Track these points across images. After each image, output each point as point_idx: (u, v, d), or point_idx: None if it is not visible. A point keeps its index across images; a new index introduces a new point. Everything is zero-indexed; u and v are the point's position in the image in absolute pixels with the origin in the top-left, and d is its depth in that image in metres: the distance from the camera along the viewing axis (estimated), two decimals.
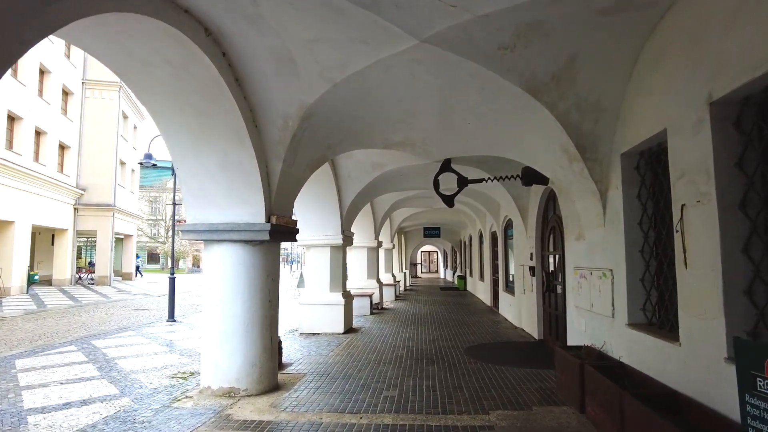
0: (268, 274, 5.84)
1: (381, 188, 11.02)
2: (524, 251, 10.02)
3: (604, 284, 5.39)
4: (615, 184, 5.12)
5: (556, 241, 8.29)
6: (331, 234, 10.08)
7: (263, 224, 5.57)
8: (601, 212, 5.44)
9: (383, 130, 6.62)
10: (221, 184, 5.57)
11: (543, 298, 9.05)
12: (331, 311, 10.07)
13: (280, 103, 5.21)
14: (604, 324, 5.44)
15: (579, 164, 5.35)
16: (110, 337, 10.46)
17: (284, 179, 5.84)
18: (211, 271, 5.77)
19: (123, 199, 30.08)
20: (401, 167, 9.05)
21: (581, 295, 6.23)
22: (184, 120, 5.11)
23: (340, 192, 9.77)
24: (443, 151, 7.67)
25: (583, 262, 6.25)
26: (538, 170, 6.77)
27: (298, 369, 7.05)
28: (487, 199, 12.56)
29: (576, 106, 4.89)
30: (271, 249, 5.89)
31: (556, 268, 8.30)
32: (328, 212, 9.89)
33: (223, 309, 5.64)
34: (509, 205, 10.46)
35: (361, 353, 8.13)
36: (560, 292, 7.89)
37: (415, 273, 39.97)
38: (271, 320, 5.91)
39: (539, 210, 8.98)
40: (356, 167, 9.32)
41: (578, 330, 6.49)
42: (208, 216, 5.75)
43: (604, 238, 5.48)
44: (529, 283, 9.54)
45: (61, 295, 20.91)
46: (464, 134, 6.66)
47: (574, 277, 6.57)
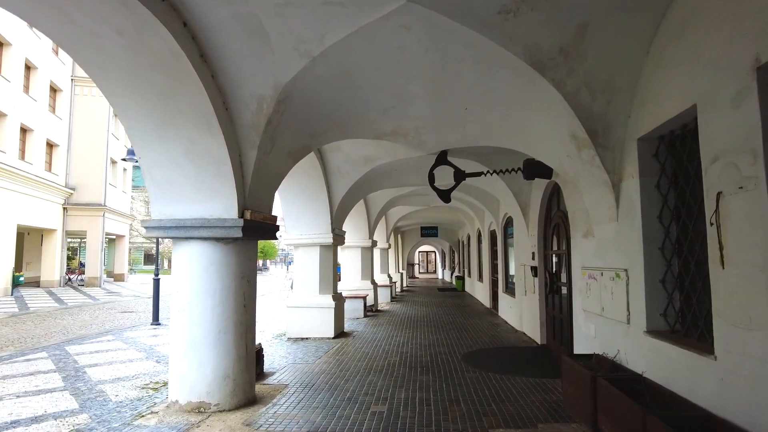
0: (242, 276, 5.25)
1: (374, 184, 10.43)
2: (525, 250, 9.44)
3: (618, 286, 4.81)
4: (630, 173, 4.54)
5: (560, 239, 7.71)
6: (321, 232, 9.49)
7: (235, 220, 4.98)
8: (614, 205, 4.86)
9: (372, 118, 6.03)
10: (189, 175, 4.98)
11: (546, 300, 8.47)
12: (321, 315, 9.47)
13: (253, 82, 4.62)
14: (618, 330, 4.86)
15: (589, 152, 4.77)
16: (87, 342, 9.85)
17: (260, 170, 5.25)
18: (178, 271, 5.18)
19: (114, 198, 29.44)
20: (394, 161, 8.46)
21: (590, 298, 5.65)
22: (144, 101, 4.52)
23: (329, 187, 9.18)
24: (438, 141, 7.09)
25: (592, 261, 5.67)
26: (542, 161, 6.19)
27: (281, 379, 6.45)
28: (486, 196, 11.98)
29: (586, 85, 4.31)
30: (245, 248, 5.30)
31: (560, 268, 7.72)
32: (316, 209, 9.30)
33: (191, 314, 5.05)
34: (509, 202, 9.88)
35: (351, 360, 7.54)
36: (565, 294, 7.31)
37: (413, 273, 39.39)
38: (246, 327, 5.32)
39: (542, 206, 8.40)
40: (346, 161, 8.73)
41: (586, 336, 5.91)
42: (175, 211, 5.16)
43: (617, 235, 4.90)
44: (531, 284, 8.96)
45: (47, 297, 20.28)
46: (461, 121, 6.08)
47: (581, 278, 6.00)
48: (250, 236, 5.21)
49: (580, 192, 5.63)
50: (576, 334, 6.41)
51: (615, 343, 4.93)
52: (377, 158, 8.51)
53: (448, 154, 7.67)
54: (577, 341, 6.38)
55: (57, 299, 19.39)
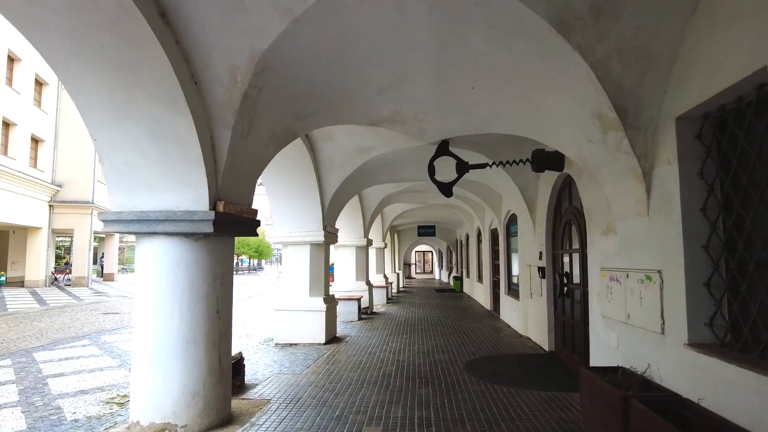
0: (215, 277, 4.56)
1: (369, 178, 9.75)
2: (531, 250, 8.78)
3: (649, 290, 4.16)
4: (666, 159, 3.88)
5: (572, 237, 7.06)
6: (312, 230, 8.80)
7: (206, 212, 4.29)
8: (644, 197, 4.21)
9: (367, 99, 5.36)
10: (153, 160, 4.28)
11: (554, 303, 7.81)
12: (311, 318, 8.79)
13: (225, 50, 3.93)
14: (648, 341, 4.20)
15: (617, 134, 4.11)
16: (59, 347, 9.14)
17: (236, 155, 4.57)
18: (141, 272, 4.49)
19: (103, 196, 28.60)
20: (391, 152, 7.78)
21: (612, 303, 4.99)
22: (97, 72, 3.83)
23: (320, 181, 8.50)
24: (440, 129, 6.42)
25: (614, 261, 5.01)
26: (555, 150, 5.54)
27: (263, 392, 5.77)
28: (488, 192, 11.32)
29: (618, 53, 3.64)
30: (219, 245, 4.62)
31: (572, 268, 7.06)
32: (307, 205, 8.62)
33: (156, 321, 4.36)
34: (513, 198, 9.22)
35: (342, 370, 6.86)
36: (578, 298, 6.66)
37: (409, 274, 38.73)
38: (220, 335, 4.63)
39: (551, 201, 7.75)
40: (339, 152, 8.05)
41: (606, 345, 5.26)
42: (138, 202, 4.46)
43: (647, 231, 4.24)
44: (538, 285, 8.31)
45: (29, 297, 19.48)
46: (465, 105, 5.42)
47: (600, 280, 5.34)
48: (223, 231, 4.52)
49: (601, 183, 4.97)
50: (593, 342, 5.75)
51: (644, 356, 4.27)
52: (372, 149, 7.83)
53: (449, 143, 7.01)
54: (594, 351, 5.72)
55: (39, 300, 18.61)
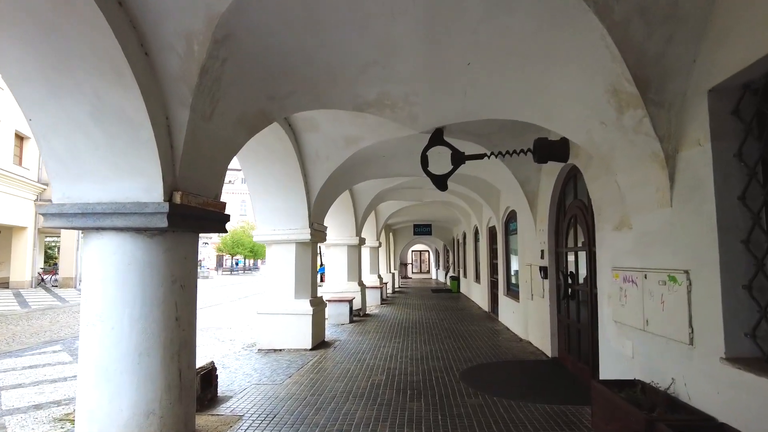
0: (174, 279, 3.97)
1: (360, 172, 9.16)
2: (532, 248, 8.21)
3: (674, 293, 3.58)
4: (695, 140, 3.31)
5: (578, 234, 6.49)
6: (297, 227, 8.21)
7: (159, 204, 3.69)
8: (667, 185, 3.64)
9: (350, 77, 4.77)
10: (98, 143, 3.69)
11: (558, 306, 7.24)
12: (297, 322, 8.20)
13: (179, 13, 3.34)
14: (673, 353, 3.63)
15: (636, 113, 3.53)
16: (28, 353, 8.53)
17: (198, 139, 3.97)
18: (88, 274, 3.89)
19: None
20: (381, 142, 7.19)
21: (626, 307, 4.42)
22: (26, 38, 3.23)
23: (306, 175, 7.90)
24: (433, 115, 5.84)
25: (628, 260, 4.44)
26: (561, 138, 4.97)
27: (236, 407, 5.18)
28: (485, 188, 10.75)
29: (640, 12, 3.07)
30: (179, 242, 4.02)
31: (578, 268, 6.49)
32: (292, 200, 8.02)
33: (104, 331, 3.76)
34: (513, 193, 8.66)
35: (327, 380, 6.27)
36: (585, 300, 6.10)
37: (405, 273, 38.15)
38: (180, 345, 4.04)
39: (554, 196, 7.17)
40: (325, 143, 7.46)
41: (618, 354, 4.69)
42: (83, 192, 3.86)
43: (670, 225, 3.67)
44: (540, 286, 7.74)
45: (12, 299, 18.83)
46: (461, 85, 4.84)
47: (612, 282, 4.77)
48: (183, 227, 3.93)
49: (613, 173, 4.40)
50: (602, 350, 5.18)
51: (667, 369, 3.70)
52: (361, 139, 7.24)
53: (444, 132, 6.43)
54: (604, 359, 5.15)
55: (22, 301, 17.97)
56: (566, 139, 6.23)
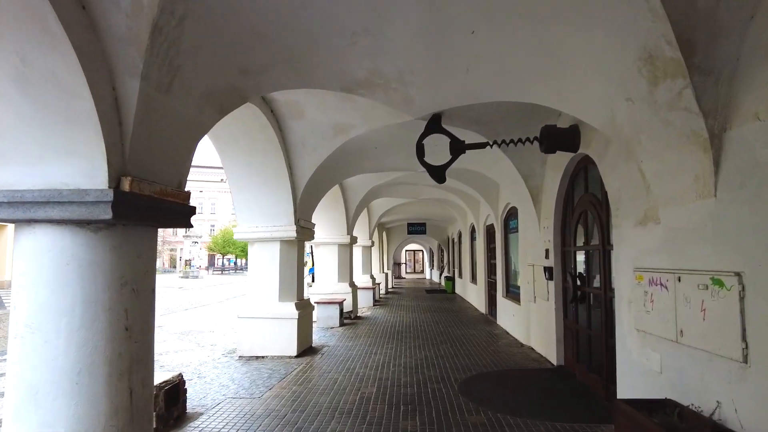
0: (124, 282, 3.33)
1: (350, 166, 8.54)
2: (535, 247, 7.64)
3: (719, 300, 3.00)
4: (753, 113, 2.73)
5: (588, 231, 5.92)
6: (282, 224, 7.58)
7: (102, 191, 3.05)
8: (710, 170, 3.05)
9: (336, 50, 4.15)
10: (26, 117, 3.04)
11: (565, 310, 6.67)
12: (280, 327, 7.56)
13: None
14: (718, 371, 3.04)
15: (675, 83, 2.94)
16: None
17: (153, 116, 3.34)
18: (18, 275, 3.24)
19: None
20: (373, 131, 6.57)
21: (653, 315, 3.84)
22: None
23: (291, 167, 7.27)
24: (431, 98, 5.24)
25: (655, 260, 3.86)
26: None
27: (206, 426, 4.54)
28: (484, 182, 10.16)
29: None
30: (131, 238, 3.38)
31: (590, 268, 5.92)
32: (276, 195, 7.39)
33: (34, 344, 3.11)
34: (515, 188, 8.08)
35: (312, 393, 5.65)
36: (598, 304, 5.52)
37: (399, 273, 37.58)
38: (131, 360, 3.39)
39: (560, 190, 6.59)
40: (312, 131, 6.82)
41: (641, 367, 4.10)
42: (12, 177, 3.21)
43: (715, 218, 3.08)
44: (544, 288, 7.16)
45: None
46: (463, 60, 4.23)
47: (634, 284, 4.18)
48: (133, 219, 3.29)
49: (638, 159, 3.81)
50: (621, 361, 4.59)
51: (710, 390, 3.11)
52: (351, 128, 6.62)
53: (442, 118, 5.83)
54: (622, 372, 4.56)
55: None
56: (576, 127, 5.67)
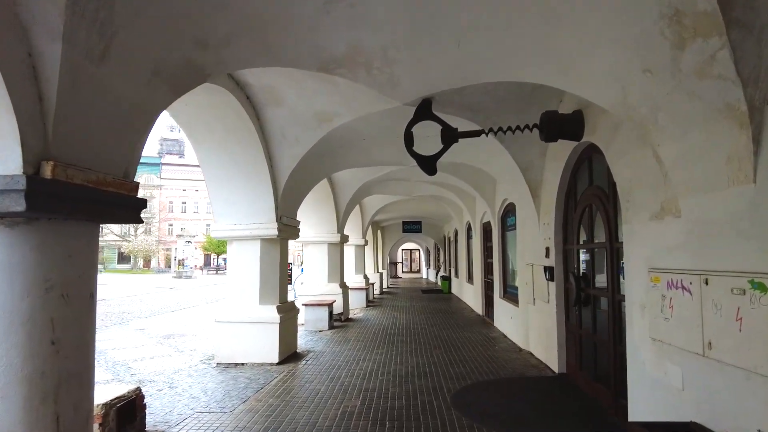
0: (49, 286, 2.79)
1: (338, 159, 8.02)
2: (535, 246, 7.13)
3: (761, 308, 2.49)
4: None
5: (593, 227, 5.41)
6: (262, 221, 7.05)
7: (12, 178, 2.52)
8: (748, 150, 2.54)
9: (309, 20, 3.62)
10: None
11: (567, 313, 6.17)
12: (261, 332, 7.03)
13: None
14: (759, 392, 2.53)
15: (708, 43, 2.43)
16: None
17: (83, 87, 2.80)
18: None
19: None
20: (359, 119, 6.04)
21: (672, 322, 3.33)
22: None
23: (272, 159, 6.74)
24: (419, 79, 4.73)
25: (675, 259, 3.35)
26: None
27: None
28: (480, 177, 9.66)
29: None
30: (58, 235, 2.85)
31: (594, 268, 5.41)
32: (255, 190, 6.86)
33: None
34: (512, 182, 7.57)
35: (290, 407, 5.12)
36: (605, 307, 5.02)
37: (395, 273, 37.05)
38: (59, 379, 2.86)
39: (562, 183, 6.08)
40: (293, 120, 6.29)
41: (658, 382, 3.59)
42: None
43: (755, 207, 2.57)
44: (544, 290, 6.66)
45: None
46: (454, 32, 3.71)
47: (648, 287, 3.67)
48: (60, 212, 2.75)
49: (654, 142, 3.30)
50: (632, 374, 4.08)
51: (748, 414, 2.60)
52: (334, 116, 6.09)
53: (432, 104, 5.31)
54: (634, 386, 4.05)
55: None
56: (580, 113, 5.16)
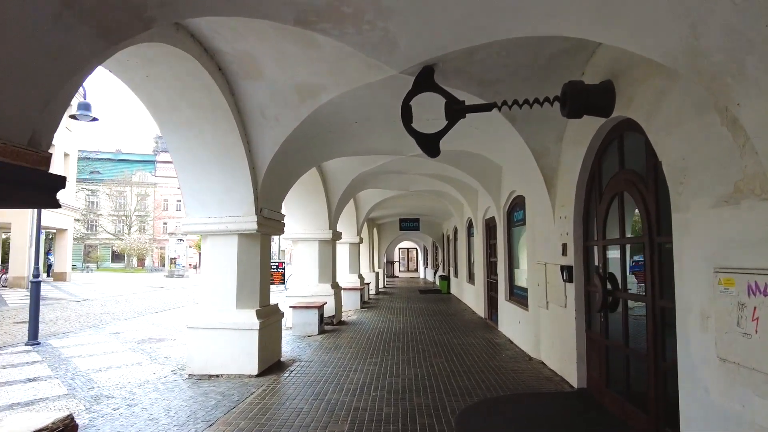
0: None
1: (327, 146, 7.18)
2: (548, 242, 6.31)
3: None
4: None
5: (625, 219, 4.60)
6: (239, 215, 6.21)
7: None
8: None
9: None
10: None
11: (587, 319, 5.36)
12: (238, 340, 6.18)
13: None
14: None
15: None
16: None
17: None
18: None
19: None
20: (349, 93, 5.21)
21: (756, 340, 2.51)
22: None
23: (250, 143, 5.91)
24: (419, 40, 3.91)
25: (759, 256, 2.53)
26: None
27: None
28: (484, 168, 8.85)
29: None
30: None
31: (626, 268, 4.59)
32: (231, 179, 6.02)
33: None
34: (523, 172, 6.75)
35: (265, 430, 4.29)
36: (640, 314, 4.20)
37: (392, 272, 36.24)
38: None
39: (583, 169, 5.27)
40: (273, 96, 5.45)
41: (728, 413, 2.78)
42: None
43: None
44: (560, 292, 5.84)
45: None
46: None
47: (717, 292, 2.86)
48: None
49: (731, 101, 2.47)
50: (688, 399, 3.25)
51: None
52: (320, 90, 5.25)
53: (435, 74, 4.48)
54: (691, 414, 3.22)
55: None
56: (610, 83, 4.35)
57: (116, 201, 56.10)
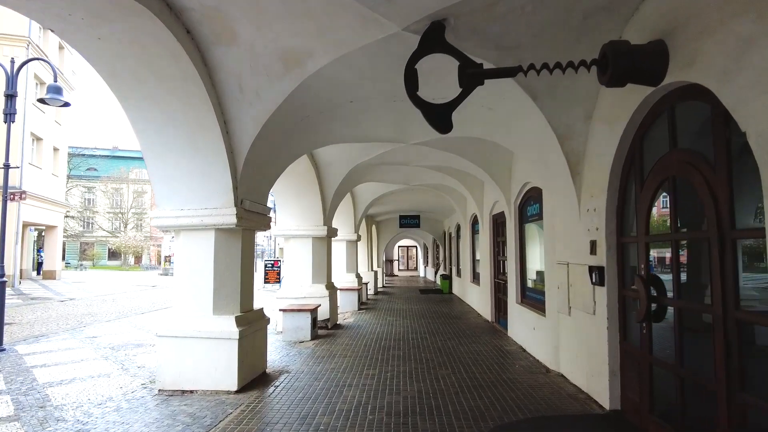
0: None
1: (318, 129, 6.35)
2: (572, 239, 5.50)
3: None
4: None
5: (677, 211, 3.78)
6: (216, 207, 5.38)
7: None
8: None
9: None
10: None
11: (623, 329, 4.55)
12: (215, 351, 5.37)
13: None
14: None
15: None
16: None
17: None
18: None
19: (39, 182, 24.67)
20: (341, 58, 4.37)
21: None
22: None
23: (227, 123, 5.08)
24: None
25: None
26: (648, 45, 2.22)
27: None
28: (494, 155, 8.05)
29: None
30: None
31: (679, 271, 3.77)
32: (206, 165, 5.20)
33: None
34: (541, 158, 5.93)
35: None
36: (701, 328, 3.39)
37: (391, 271, 35.44)
38: None
39: (619, 152, 4.45)
40: (252, 66, 4.61)
41: None
42: None
43: None
44: (588, 296, 5.03)
45: None
46: None
47: None
48: None
49: None
50: None
51: None
52: (307, 55, 4.41)
53: (445, 29, 3.66)
54: None
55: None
56: (662, 42, 3.52)
57: (113, 198, 55.28)
